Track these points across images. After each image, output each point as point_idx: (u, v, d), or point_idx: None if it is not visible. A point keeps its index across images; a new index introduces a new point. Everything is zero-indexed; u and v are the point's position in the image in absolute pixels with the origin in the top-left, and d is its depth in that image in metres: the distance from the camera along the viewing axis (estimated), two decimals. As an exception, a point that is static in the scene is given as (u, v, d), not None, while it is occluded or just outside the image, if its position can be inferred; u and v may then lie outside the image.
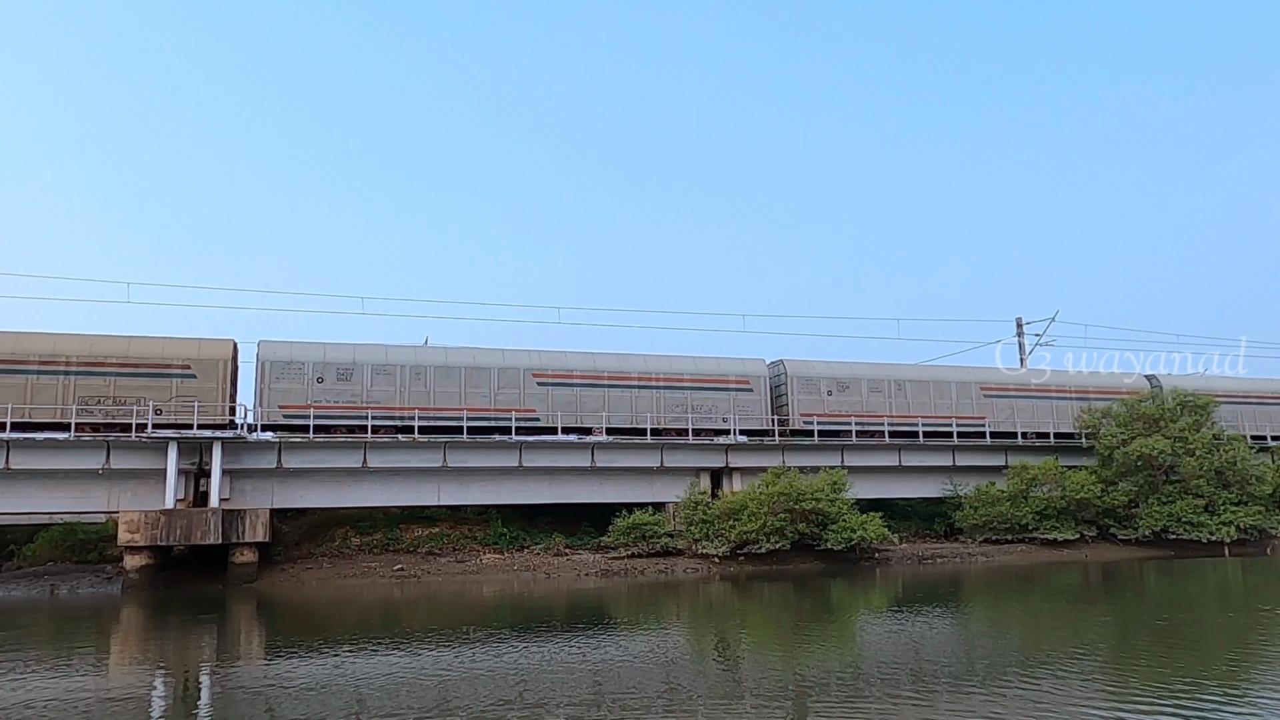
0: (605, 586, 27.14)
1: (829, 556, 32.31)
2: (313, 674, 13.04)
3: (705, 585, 27.39)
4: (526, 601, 23.75)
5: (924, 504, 40.47)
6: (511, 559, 31.77)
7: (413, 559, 31.32)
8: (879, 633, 16.87)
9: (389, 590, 26.83)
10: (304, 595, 26.18)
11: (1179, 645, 13.90)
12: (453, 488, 32.88)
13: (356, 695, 11.28)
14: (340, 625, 19.69)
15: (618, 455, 34.15)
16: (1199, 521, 35.62)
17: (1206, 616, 18.05)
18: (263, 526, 28.49)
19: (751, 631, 18.07)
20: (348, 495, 31.92)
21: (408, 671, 13.05)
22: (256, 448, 29.73)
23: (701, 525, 32.29)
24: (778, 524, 31.11)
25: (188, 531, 27.44)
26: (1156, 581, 26.33)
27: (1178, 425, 37.21)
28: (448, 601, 23.92)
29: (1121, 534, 37.11)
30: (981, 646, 14.77)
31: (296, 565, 30.32)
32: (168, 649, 16.74)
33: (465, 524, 34.86)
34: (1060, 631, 16.54)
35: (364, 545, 32.27)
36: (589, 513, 35.06)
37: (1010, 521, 36.08)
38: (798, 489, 31.34)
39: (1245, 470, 36.69)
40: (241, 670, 13.91)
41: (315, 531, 33.60)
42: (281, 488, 30.85)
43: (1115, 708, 9.76)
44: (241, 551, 28.29)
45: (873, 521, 31.82)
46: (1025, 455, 39.06)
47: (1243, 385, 45.12)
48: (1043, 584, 26.50)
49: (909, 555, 34.36)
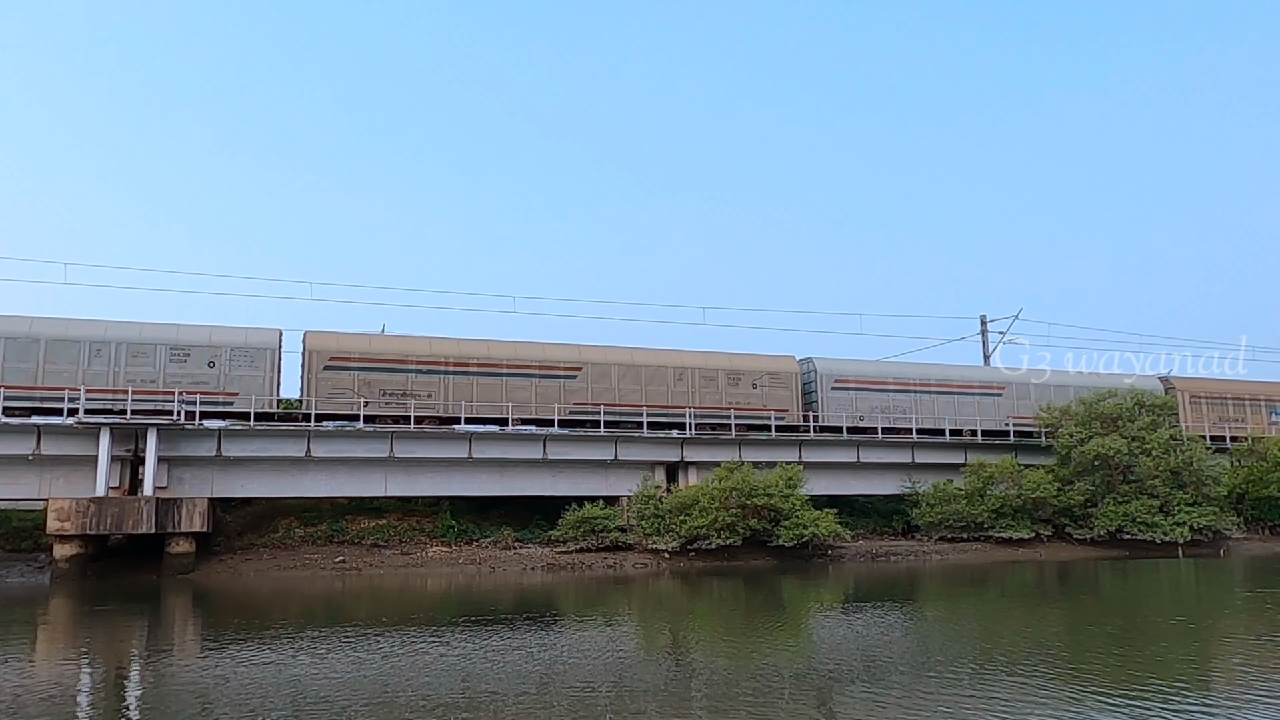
0: (551, 581, 27.59)
1: (781, 553, 32.98)
2: (244, 668, 13.12)
3: (654, 581, 27.91)
4: (471, 597, 24.12)
5: (884, 501, 41.34)
6: (458, 552, 32.14)
7: (356, 551, 31.58)
8: (829, 631, 17.33)
9: (330, 583, 27.10)
10: (241, 587, 26.37)
11: (1130, 648, 14.34)
12: (401, 479, 33.16)
13: (293, 692, 11.35)
14: (277, 618, 19.84)
15: (570, 448, 34.57)
16: (1153, 522, 36.72)
17: (1157, 620, 18.49)
18: (200, 516, 28.60)
19: (699, 628, 18.45)
20: (291, 485, 32.09)
21: (347, 667, 13.12)
22: (195, 435, 29.80)
23: (653, 520, 32.80)
24: (729, 519, 31.72)
25: (119, 520, 27.49)
26: (1110, 582, 27.16)
27: (1135, 425, 38.24)
28: (389, 595, 24.24)
29: (1077, 533, 38.15)
30: (934, 646, 15.19)
31: (236, 556, 30.48)
32: (95, 640, 16.87)
33: (414, 516, 35.13)
34: (1012, 633, 16.98)
35: (308, 537, 32.49)
36: (542, 506, 35.47)
37: (966, 519, 36.99)
38: (750, 484, 31.95)
39: (1201, 471, 37.81)
40: (170, 663, 13.98)
41: (259, 522, 33.73)
42: (222, 477, 30.95)
43: (1063, 709, 10.20)
44: (177, 542, 28.40)
45: (825, 518, 32.50)
46: (984, 453, 39.96)
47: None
48: (996, 583, 27.24)
49: (863, 552, 35.16)
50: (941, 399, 40.71)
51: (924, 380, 40.74)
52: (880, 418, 39.07)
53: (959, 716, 9.81)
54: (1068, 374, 44.33)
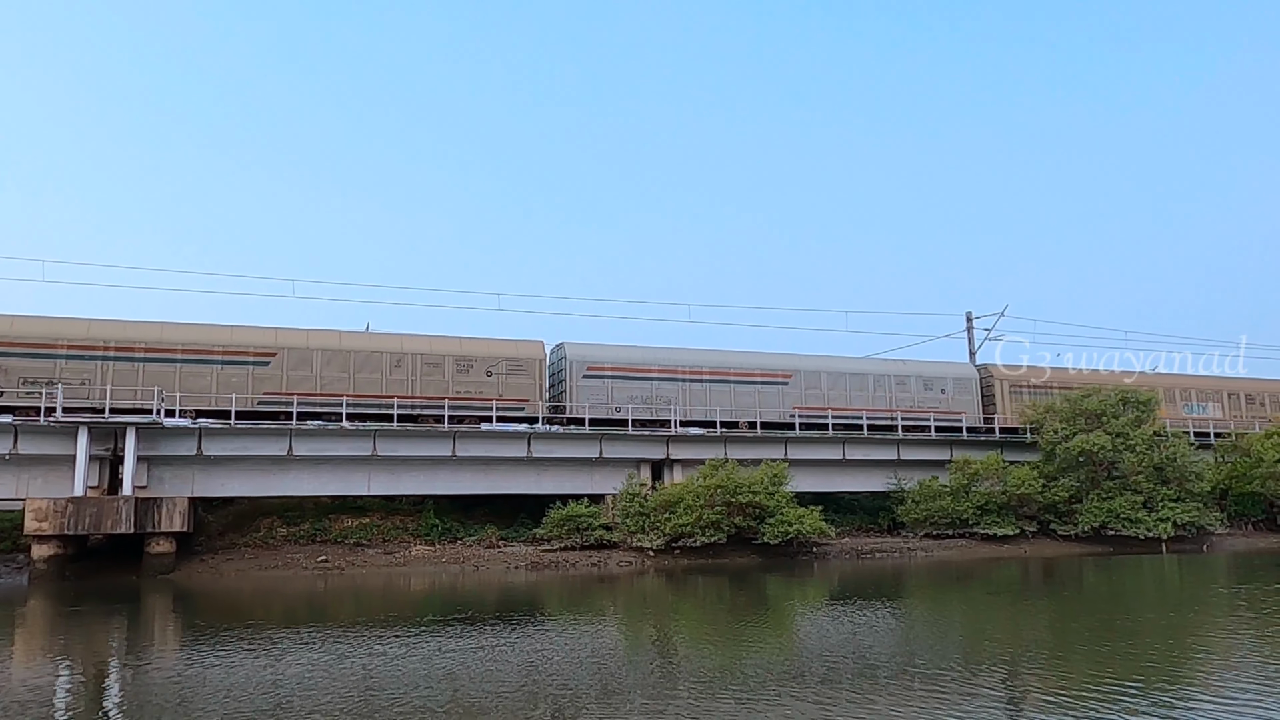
0: (535, 580, 27.61)
1: (766, 550, 33.10)
2: (224, 670, 13.07)
3: (638, 579, 27.97)
4: (454, 596, 24.11)
5: (870, 498, 41.54)
6: (441, 551, 32.12)
7: (339, 550, 31.53)
8: (814, 629, 17.42)
9: (312, 583, 27.06)
10: (222, 587, 26.30)
11: (1113, 646, 14.45)
12: (384, 477, 33.11)
13: (274, 693, 11.33)
14: (258, 619, 19.80)
15: (556, 446, 34.60)
16: (1137, 518, 36.99)
17: (1139, 618, 18.58)
18: (180, 516, 28.50)
19: (684, 627, 18.50)
20: (273, 484, 32.01)
21: (330, 667, 13.11)
22: (175, 434, 29.67)
23: (638, 518, 32.86)
24: (714, 517, 31.80)
25: (98, 520, 27.36)
26: (1094, 579, 27.38)
27: (1119, 421, 38.50)
28: (372, 595, 24.22)
29: (1061, 530, 38.38)
30: (920, 644, 15.27)
31: (217, 556, 30.39)
32: (72, 642, 16.82)
33: (398, 514, 35.08)
34: (997, 632, 17.12)
35: (290, 536, 32.40)
36: (527, 504, 35.48)
37: (951, 516, 37.18)
38: (735, 481, 32.03)
39: (1184, 467, 38.11)
40: (148, 665, 13.96)
41: (241, 522, 33.64)
42: (203, 476, 30.85)
43: (1049, 706, 10.32)
44: (157, 541, 28.29)
45: (810, 515, 32.63)
46: (970, 450, 40.20)
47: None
48: (982, 580, 27.40)
49: (848, 550, 35.31)
50: (716, 388, 37.77)
51: (694, 367, 37.74)
52: (640, 409, 36.01)
53: (943, 716, 9.89)
54: (872, 361, 42.77)
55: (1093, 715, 9.72)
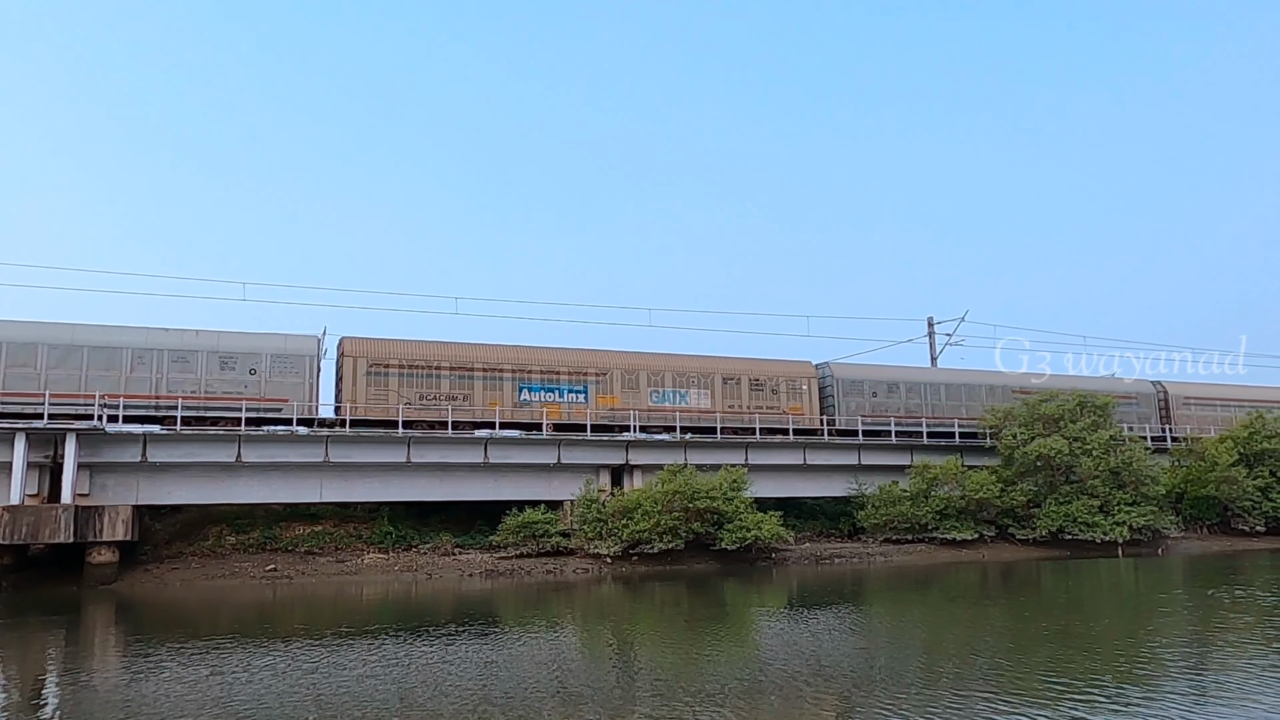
0: (490, 588, 27.46)
1: (724, 556, 33.20)
2: (167, 684, 12.81)
3: (595, 586, 27.93)
4: (407, 605, 23.92)
5: (832, 503, 41.81)
6: (395, 559, 31.85)
7: (289, 559, 31.14)
8: (771, 636, 17.52)
9: (260, 592, 26.70)
10: (167, 597, 25.89)
11: (1071, 650, 14.68)
12: (337, 484, 32.77)
13: (220, 709, 11.13)
14: (204, 630, 19.47)
15: (513, 451, 34.45)
16: (1093, 522, 37.60)
17: (1091, 623, 18.83)
18: (124, 524, 27.99)
19: (640, 635, 18.49)
20: (222, 491, 31.55)
21: (276, 679, 12.93)
22: (118, 440, 29.17)
23: (595, 524, 32.79)
24: (672, 523, 31.84)
25: (35, 529, 26.78)
26: (1051, 583, 27.77)
27: (1077, 426, 39.08)
28: (323, 604, 23.99)
29: (1020, 534, 38.93)
30: (880, 651, 15.48)
31: (162, 565, 29.90)
32: (7, 655, 16.52)
33: (352, 522, 34.74)
34: (955, 638, 17.32)
35: (239, 545, 31.96)
36: (485, 511, 35.27)
37: (911, 521, 37.55)
38: (693, 487, 32.09)
39: (1140, 471, 38.78)
40: (88, 680, 13.64)
41: (189, 530, 33.11)
42: (148, 483, 30.36)
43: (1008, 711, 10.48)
44: (99, 551, 27.78)
45: (769, 521, 32.76)
46: (930, 454, 40.60)
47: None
48: (940, 585, 27.68)
49: (808, 555, 35.51)
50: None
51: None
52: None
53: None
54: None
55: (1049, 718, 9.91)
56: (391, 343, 34.53)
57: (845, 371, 42.26)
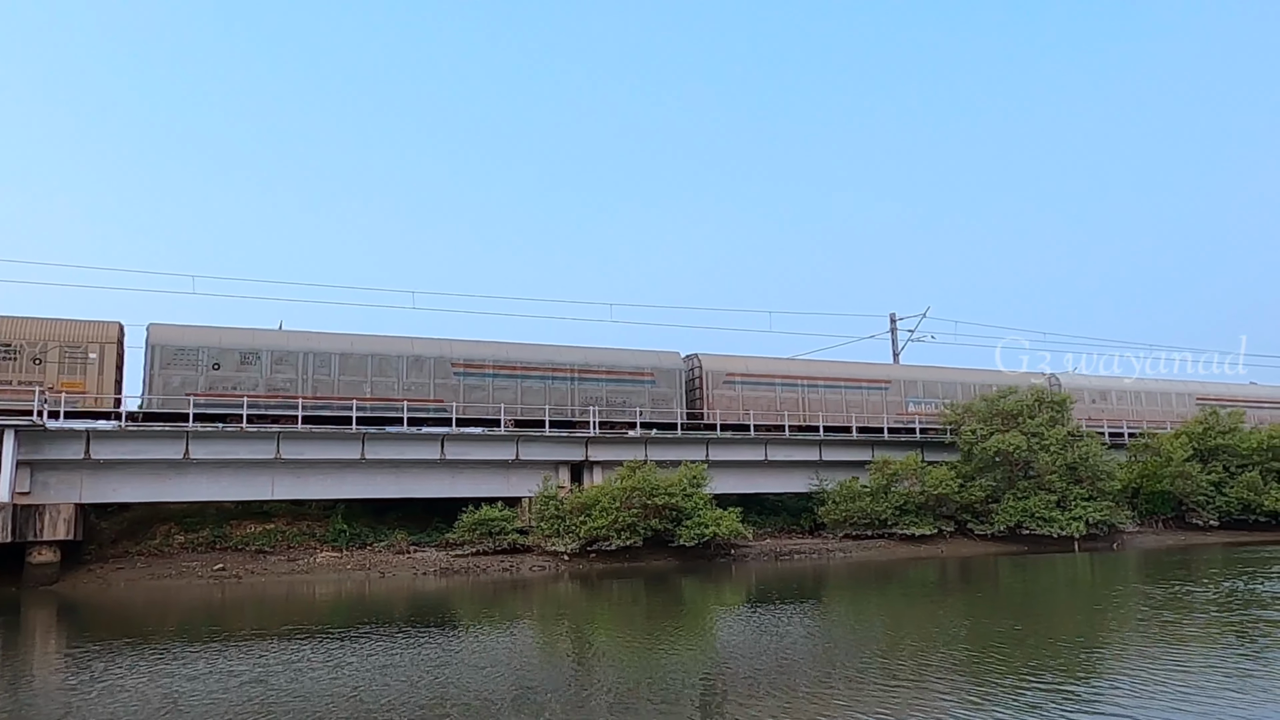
0: (445, 587, 27.24)
1: (683, 553, 33.20)
2: (109, 690, 12.48)
3: (552, 584, 27.81)
4: (360, 604, 23.63)
5: (794, 499, 41.96)
6: (348, 558, 31.49)
7: (239, 558, 30.67)
8: (728, 633, 17.54)
9: (208, 592, 26.28)
10: (111, 598, 25.39)
11: (1025, 646, 14.83)
12: (289, 481, 32.34)
13: (166, 715, 10.90)
14: (150, 632, 19.08)
15: (470, 448, 34.20)
16: (1051, 517, 38.10)
17: (1049, 620, 19.07)
18: (66, 523, 27.44)
19: (597, 633, 18.42)
20: (169, 489, 31.00)
21: (224, 682, 12.70)
22: (60, 437, 28.56)
23: (553, 521, 32.62)
24: (630, 519, 31.76)
25: (-29, 529, 26.13)
26: (1008, 578, 28.09)
27: (1035, 421, 39.55)
28: (273, 604, 23.67)
29: (979, 529, 39.34)
30: (840, 648, 15.53)
31: (107, 565, 29.33)
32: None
33: (305, 520, 34.28)
34: (913, 634, 17.43)
35: (188, 543, 31.44)
36: (441, 508, 34.99)
37: (871, 517, 37.81)
38: (652, 483, 32.02)
39: (1096, 466, 39.33)
40: (25, 686, 13.30)
41: (137, 529, 32.53)
42: (92, 481, 29.73)
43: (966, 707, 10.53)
44: (40, 550, 27.21)
45: (727, 517, 32.79)
46: (891, 450, 40.89)
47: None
48: (899, 581, 27.89)
49: (767, 551, 35.62)
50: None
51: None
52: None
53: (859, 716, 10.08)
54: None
55: (1002, 715, 9.98)
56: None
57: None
